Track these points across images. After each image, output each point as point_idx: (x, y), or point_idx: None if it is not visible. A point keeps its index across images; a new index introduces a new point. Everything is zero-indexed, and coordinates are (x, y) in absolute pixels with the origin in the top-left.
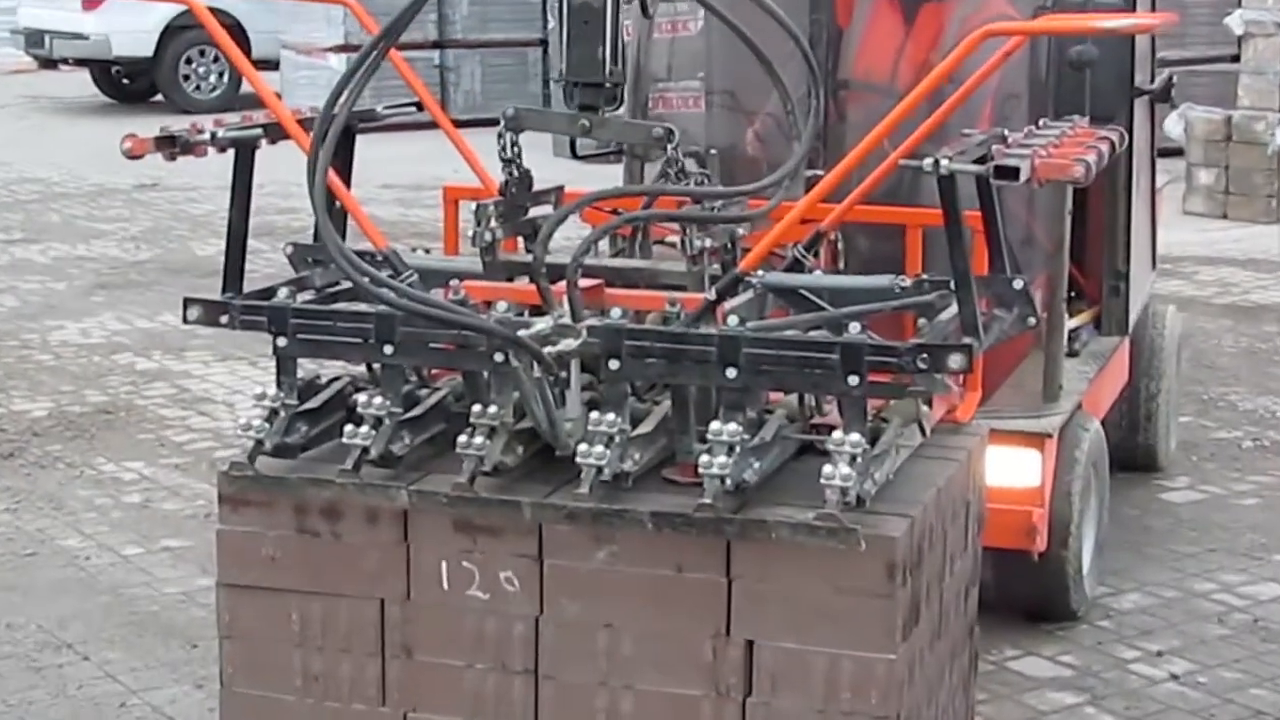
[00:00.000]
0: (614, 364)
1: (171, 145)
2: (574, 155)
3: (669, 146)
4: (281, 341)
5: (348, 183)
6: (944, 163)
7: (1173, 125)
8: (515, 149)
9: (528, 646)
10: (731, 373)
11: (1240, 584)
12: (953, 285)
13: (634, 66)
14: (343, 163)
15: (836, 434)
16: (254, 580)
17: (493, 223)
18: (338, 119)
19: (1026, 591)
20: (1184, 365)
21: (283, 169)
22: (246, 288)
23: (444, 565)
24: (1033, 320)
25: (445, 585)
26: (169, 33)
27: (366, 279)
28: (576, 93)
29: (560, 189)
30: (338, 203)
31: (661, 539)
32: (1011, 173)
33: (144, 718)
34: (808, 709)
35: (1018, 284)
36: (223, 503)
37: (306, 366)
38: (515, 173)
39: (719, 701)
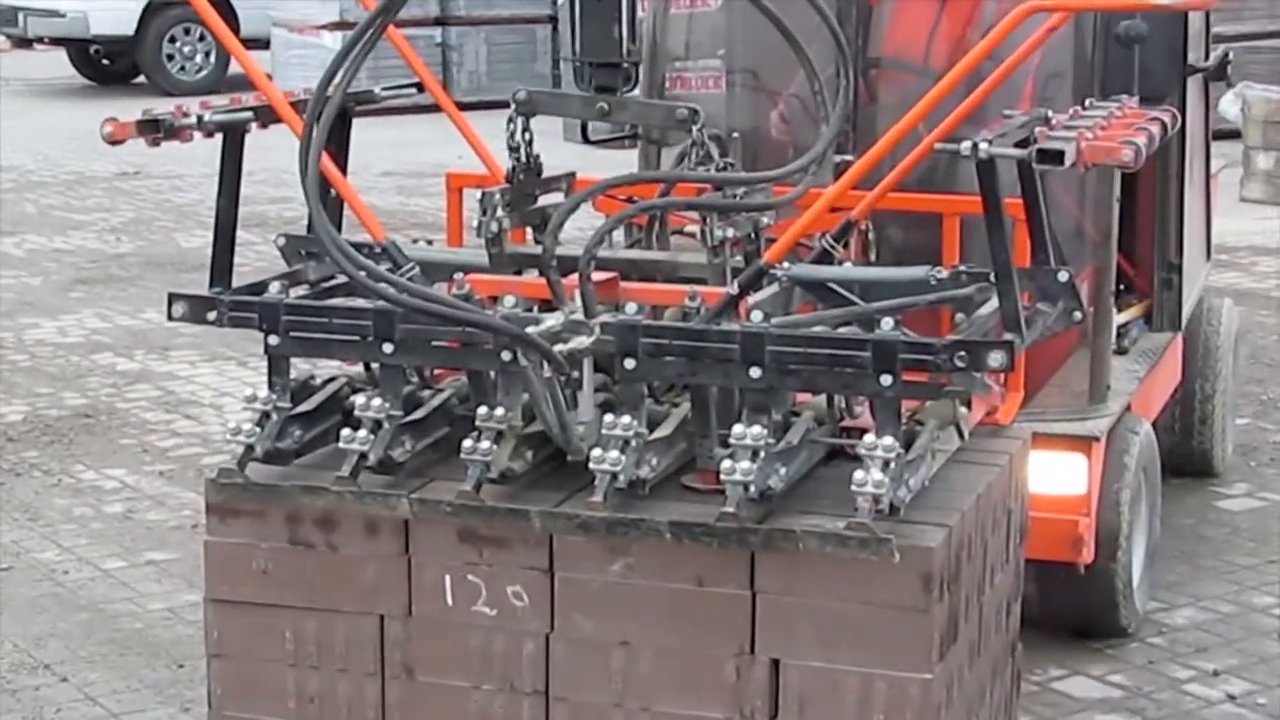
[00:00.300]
0: (630, 363)
1: (155, 130)
2: (585, 140)
3: (693, 129)
4: (273, 340)
5: (344, 169)
6: (983, 146)
7: (1229, 106)
8: (526, 135)
9: (538, 666)
10: (755, 372)
11: None
12: (993, 278)
13: (649, 44)
14: (338, 148)
15: (868, 438)
16: (244, 595)
17: (499, 212)
18: (332, 101)
19: (1073, 607)
20: (1241, 363)
21: (274, 155)
22: (236, 282)
23: (448, 579)
24: (1078, 315)
25: (449, 600)
26: (151, 10)
27: (363, 273)
28: (591, 73)
29: (571, 176)
30: (333, 191)
31: (681, 550)
32: (1056, 156)
33: None
34: None
35: (1063, 277)
36: (211, 512)
37: (300, 367)
38: (523, 159)
39: None
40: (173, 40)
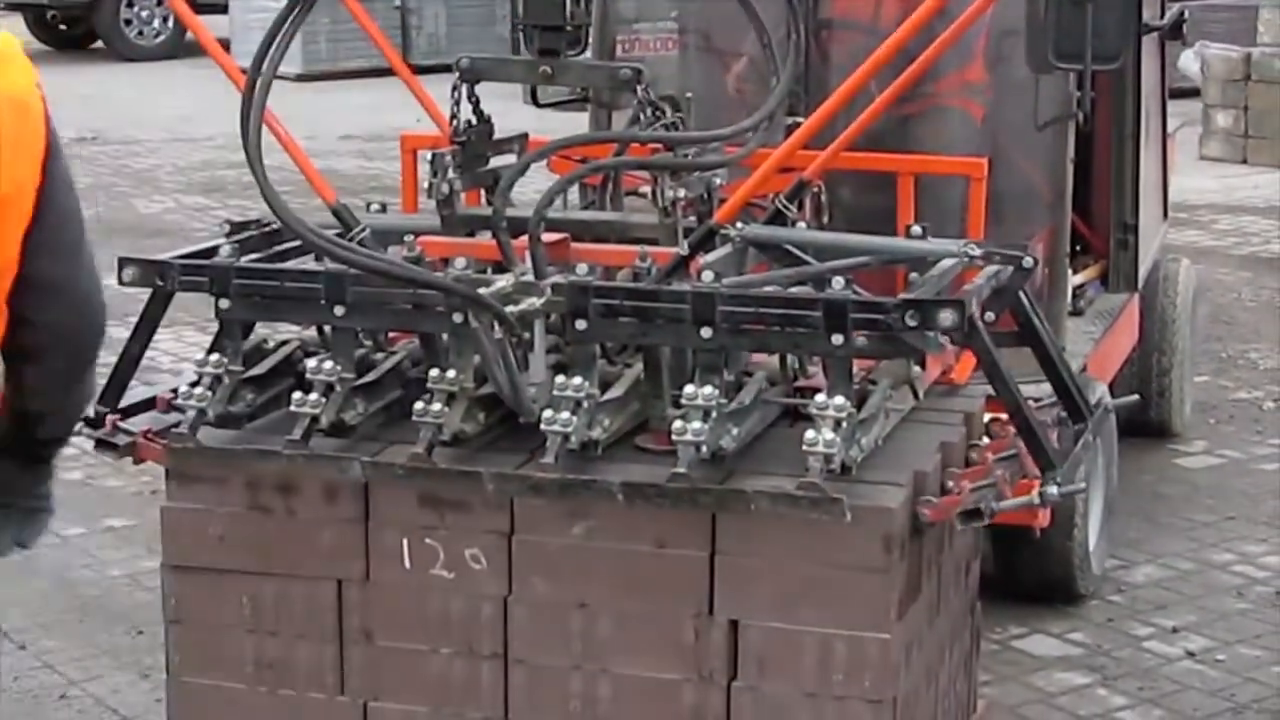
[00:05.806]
0: (581, 324)
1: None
2: (535, 103)
3: (638, 89)
4: (224, 303)
5: None
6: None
7: (1190, 64)
8: (473, 100)
9: (496, 629)
10: (707, 332)
11: (1261, 554)
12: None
13: (599, 7)
14: None
15: (819, 397)
16: (202, 561)
17: (450, 173)
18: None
19: (1029, 573)
20: (1200, 321)
21: (233, 120)
22: (192, 245)
23: (406, 543)
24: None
25: (407, 564)
26: None
27: (312, 234)
28: (536, 37)
29: (524, 137)
30: None
31: (639, 512)
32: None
33: (86, 710)
34: (797, 693)
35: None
36: (169, 478)
37: (257, 332)
38: (470, 123)
39: (702, 686)
40: (130, 5)
